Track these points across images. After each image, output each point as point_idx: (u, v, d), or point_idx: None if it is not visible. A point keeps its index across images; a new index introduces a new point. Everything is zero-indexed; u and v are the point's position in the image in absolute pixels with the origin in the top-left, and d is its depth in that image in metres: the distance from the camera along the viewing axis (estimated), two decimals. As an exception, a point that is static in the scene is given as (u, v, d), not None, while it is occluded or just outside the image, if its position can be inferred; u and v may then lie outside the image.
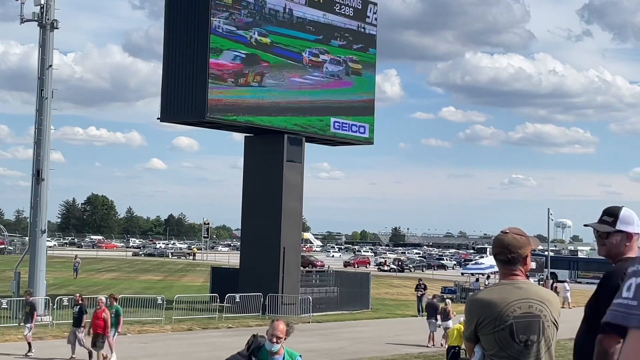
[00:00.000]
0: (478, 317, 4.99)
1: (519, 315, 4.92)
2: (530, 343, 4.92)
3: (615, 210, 5.34)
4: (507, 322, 4.91)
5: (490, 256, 74.64)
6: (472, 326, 5.02)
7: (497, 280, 17.62)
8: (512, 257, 5.03)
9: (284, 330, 8.40)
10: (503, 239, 5.06)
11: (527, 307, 4.94)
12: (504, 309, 4.92)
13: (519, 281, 5.04)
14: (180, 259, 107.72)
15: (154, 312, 32.21)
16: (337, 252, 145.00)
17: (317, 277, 42.58)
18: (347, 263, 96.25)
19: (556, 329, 5.02)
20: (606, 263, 5.38)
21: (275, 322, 8.56)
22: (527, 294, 4.98)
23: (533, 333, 4.92)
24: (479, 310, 5.02)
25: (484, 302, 5.04)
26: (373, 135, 42.92)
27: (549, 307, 5.00)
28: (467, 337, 5.17)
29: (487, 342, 4.99)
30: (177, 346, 25.58)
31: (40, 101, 31.89)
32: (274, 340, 8.34)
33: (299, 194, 38.90)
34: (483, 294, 5.22)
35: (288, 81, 38.57)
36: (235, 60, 36.52)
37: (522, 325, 4.91)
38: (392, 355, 24.39)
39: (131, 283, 54.93)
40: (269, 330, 8.37)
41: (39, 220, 31.55)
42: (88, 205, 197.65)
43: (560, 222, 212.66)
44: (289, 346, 8.70)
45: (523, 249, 5.05)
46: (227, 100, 36.15)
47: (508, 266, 5.06)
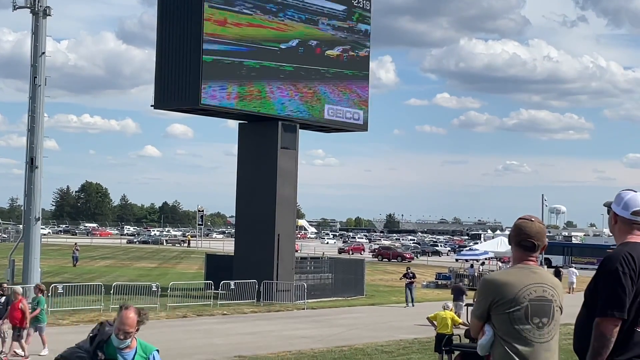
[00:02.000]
0: (494, 296, 5.17)
1: (534, 298, 5.14)
2: (541, 325, 5.13)
3: (621, 191, 5.52)
4: (523, 303, 5.12)
5: (485, 242, 75.02)
6: (486, 305, 5.20)
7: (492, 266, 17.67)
8: (537, 245, 5.26)
9: (135, 322, 6.73)
10: (532, 227, 5.27)
11: (541, 291, 5.17)
12: (521, 291, 5.13)
13: (534, 267, 5.29)
14: (175, 247, 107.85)
15: (148, 299, 32.23)
16: (332, 238, 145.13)
17: (311, 264, 42.64)
18: (342, 250, 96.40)
19: (561, 313, 5.24)
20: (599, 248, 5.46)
21: (124, 312, 6.76)
22: (541, 279, 5.22)
23: (545, 316, 5.14)
24: (495, 290, 5.19)
25: (501, 283, 5.22)
26: (367, 122, 42.89)
27: (558, 293, 5.25)
28: (478, 316, 5.30)
29: (501, 322, 5.16)
30: (172, 333, 25.61)
31: (33, 89, 31.80)
32: (122, 336, 6.72)
33: (294, 180, 38.91)
34: (500, 274, 5.46)
35: (281, 67, 38.47)
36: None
37: (536, 308, 5.13)
38: (387, 342, 24.46)
39: (126, 270, 54.96)
40: (116, 323, 6.71)
41: (33, 208, 31.51)
42: (82, 193, 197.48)
43: (554, 208, 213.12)
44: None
45: (545, 237, 5.33)
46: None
47: (529, 252, 5.28)
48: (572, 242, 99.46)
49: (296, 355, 21.45)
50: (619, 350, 5.04)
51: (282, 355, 21.32)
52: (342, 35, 41.36)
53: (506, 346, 5.09)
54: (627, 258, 5.11)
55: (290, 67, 38.81)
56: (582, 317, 5.35)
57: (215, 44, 35.76)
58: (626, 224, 5.36)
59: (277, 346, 22.90)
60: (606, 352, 5.02)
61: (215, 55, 35.73)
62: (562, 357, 18.20)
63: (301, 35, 39.41)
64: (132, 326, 6.70)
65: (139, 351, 6.88)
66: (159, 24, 36.94)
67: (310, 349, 22.66)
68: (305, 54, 39.55)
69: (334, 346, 23.22)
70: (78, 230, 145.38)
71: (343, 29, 41.42)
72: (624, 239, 5.33)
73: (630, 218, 5.35)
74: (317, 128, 43.06)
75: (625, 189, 5.48)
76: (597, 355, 5.04)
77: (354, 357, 21.17)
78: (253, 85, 37.28)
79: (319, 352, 21.98)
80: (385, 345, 23.62)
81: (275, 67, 38.12)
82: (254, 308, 33.65)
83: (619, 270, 5.07)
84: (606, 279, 5.13)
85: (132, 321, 6.71)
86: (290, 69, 38.81)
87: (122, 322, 6.69)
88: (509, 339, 5.09)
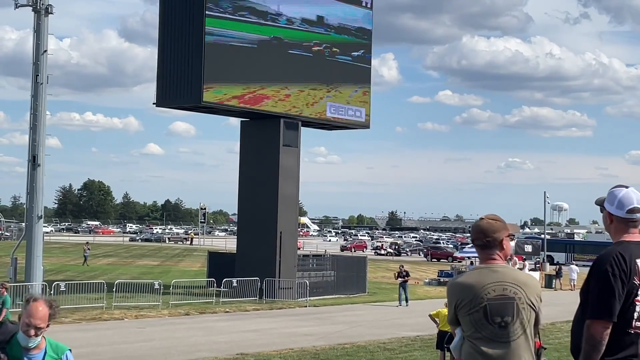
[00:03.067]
0: (456, 299, 5.16)
1: (492, 297, 5.04)
2: (504, 324, 5.02)
3: (614, 188, 5.33)
4: (481, 304, 5.05)
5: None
6: (453, 309, 5.22)
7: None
8: (487, 242, 5.20)
9: (46, 315, 5.72)
10: (479, 225, 5.26)
11: (501, 289, 5.06)
12: (479, 291, 5.07)
13: (496, 265, 5.19)
14: (177, 244, 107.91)
15: (151, 297, 32.27)
16: (334, 236, 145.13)
17: (313, 262, 42.64)
18: (344, 247, 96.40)
19: (534, 311, 5.10)
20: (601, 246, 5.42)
21: (33, 304, 5.72)
22: (502, 277, 5.11)
23: (507, 315, 5.03)
24: (457, 293, 5.19)
25: (461, 285, 5.21)
26: (370, 120, 42.87)
27: (524, 290, 5.08)
28: (449, 320, 5.35)
29: (465, 324, 5.16)
30: (174, 331, 25.65)
31: (35, 87, 31.80)
32: (32, 333, 5.67)
33: (296, 178, 38.91)
34: (461, 277, 5.40)
35: (283, 65, 38.47)
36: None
37: (495, 307, 5.03)
38: (389, 339, 24.47)
39: (128, 268, 55.02)
40: (23, 317, 5.72)
41: (35, 206, 31.52)
42: (84, 190, 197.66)
43: (556, 205, 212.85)
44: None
45: (498, 233, 5.21)
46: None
47: (485, 250, 5.23)
48: (574, 240, 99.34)
49: (298, 352, 21.46)
50: (611, 351, 4.98)
51: (284, 352, 21.33)
52: (344, 34, 41.32)
53: (472, 347, 5.07)
54: (617, 259, 5.01)
55: (292, 64, 38.78)
56: (577, 318, 5.29)
57: (217, 41, 35.75)
58: (622, 223, 5.22)
59: (280, 344, 22.91)
60: (597, 355, 4.96)
61: (217, 53, 35.72)
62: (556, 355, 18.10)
63: (303, 35, 39.40)
64: (43, 320, 5.68)
65: (48, 352, 5.85)
66: (161, 22, 36.96)
67: (313, 346, 22.67)
68: (307, 51, 39.53)
69: (336, 343, 23.23)
70: (80, 228, 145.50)
71: (345, 27, 41.37)
72: (619, 237, 5.20)
73: (626, 217, 5.20)
74: (319, 126, 43.06)
75: (617, 186, 5.32)
76: (588, 357, 4.98)
77: (356, 355, 21.17)
78: (255, 82, 37.27)
79: (321, 350, 21.99)
80: (387, 343, 23.63)
81: (277, 64, 38.09)
82: (256, 306, 33.67)
83: (609, 272, 4.98)
84: (596, 280, 5.04)
85: (44, 314, 5.67)
86: (292, 67, 38.79)
87: (31, 316, 5.65)
88: (473, 340, 5.06)
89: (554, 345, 22.64)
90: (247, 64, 36.93)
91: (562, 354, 21.32)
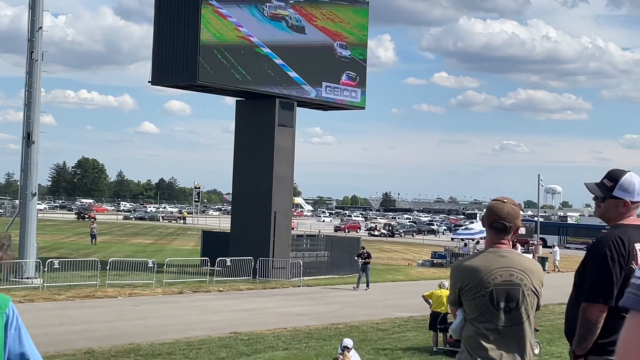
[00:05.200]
0: (461, 282, 5.14)
1: (499, 283, 5.03)
2: (508, 310, 5.03)
3: (618, 175, 5.22)
4: (488, 288, 5.04)
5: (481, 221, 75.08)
6: (456, 291, 5.18)
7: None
8: (509, 227, 5.11)
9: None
10: (503, 208, 5.12)
11: (508, 275, 5.05)
12: (486, 275, 5.05)
13: (503, 250, 5.15)
14: (171, 223, 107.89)
15: (144, 275, 32.31)
16: (328, 216, 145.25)
17: (307, 242, 42.70)
18: (338, 228, 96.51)
19: (536, 298, 5.12)
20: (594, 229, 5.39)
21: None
22: (509, 263, 5.09)
23: (512, 300, 5.03)
24: (462, 276, 5.16)
25: (467, 268, 5.19)
26: (365, 101, 42.80)
27: (530, 276, 5.09)
28: (451, 302, 5.35)
29: (469, 307, 5.14)
30: (168, 309, 25.70)
31: (30, 63, 31.64)
32: None
33: (290, 158, 38.89)
34: (467, 260, 5.35)
35: (279, 44, 38.34)
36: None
37: (502, 292, 5.03)
38: (382, 319, 24.56)
39: (122, 246, 55.03)
40: None
41: (29, 183, 31.47)
42: (79, 168, 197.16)
43: (550, 188, 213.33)
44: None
45: (518, 220, 5.16)
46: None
47: (500, 235, 5.15)
48: (567, 222, 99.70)
49: (292, 332, 21.53)
50: (604, 334, 4.98)
51: (277, 332, 21.40)
52: (341, 15, 41.17)
53: (474, 330, 5.08)
54: (616, 242, 5.00)
55: (288, 44, 38.66)
56: (572, 300, 5.28)
57: (213, 20, 35.60)
58: (628, 207, 5.19)
59: (273, 323, 22.98)
60: (591, 338, 4.97)
61: (212, 31, 35.58)
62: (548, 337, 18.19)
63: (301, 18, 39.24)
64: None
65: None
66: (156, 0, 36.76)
67: (306, 325, 22.75)
68: (304, 31, 39.40)
69: (329, 323, 23.32)
70: (74, 206, 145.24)
71: (342, 7, 41.22)
72: (618, 220, 5.19)
73: (637, 200, 5.18)
74: (314, 106, 43.01)
75: (621, 171, 5.26)
76: (583, 340, 5.00)
77: (349, 335, 21.19)
78: (251, 62, 37.16)
79: (314, 329, 22.07)
80: (380, 323, 23.73)
81: (274, 44, 37.96)
82: (249, 285, 33.73)
83: (607, 256, 4.97)
84: (594, 264, 5.03)
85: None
86: (288, 46, 38.67)
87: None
88: (476, 323, 5.07)
89: (545, 327, 22.75)
90: (243, 42, 36.77)
91: (554, 336, 21.43)
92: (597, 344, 4.99)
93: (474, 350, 5.09)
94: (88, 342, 18.54)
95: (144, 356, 17.24)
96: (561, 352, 19.27)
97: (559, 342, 20.70)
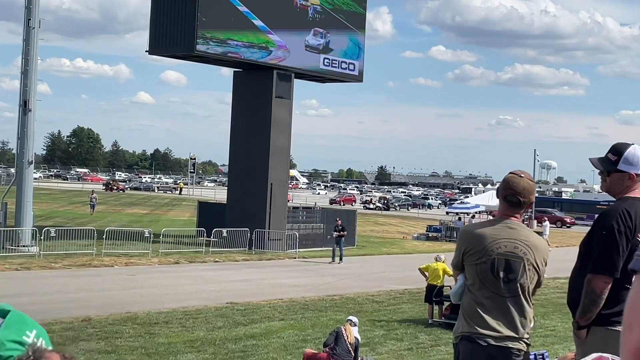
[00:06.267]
0: (466, 246, 5.21)
1: (502, 252, 5.08)
2: (507, 280, 5.08)
3: (622, 148, 5.23)
4: (490, 256, 5.09)
5: (476, 196, 75.24)
6: (460, 254, 5.25)
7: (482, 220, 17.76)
8: (523, 201, 5.15)
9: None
10: (520, 183, 5.15)
11: (512, 247, 5.09)
12: (491, 243, 5.10)
13: (513, 222, 5.19)
14: (167, 194, 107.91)
15: (141, 245, 32.37)
16: (323, 189, 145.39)
17: (303, 214, 42.77)
18: (333, 200, 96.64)
19: (537, 274, 5.15)
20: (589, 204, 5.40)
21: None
22: (516, 235, 5.13)
23: (512, 272, 5.07)
24: (468, 240, 5.23)
25: (474, 234, 5.25)
26: (362, 73, 42.67)
27: (534, 252, 5.12)
28: (454, 265, 5.41)
29: (469, 273, 5.21)
30: (163, 278, 25.78)
31: (27, 31, 31.46)
32: None
33: (287, 130, 38.84)
34: (475, 226, 5.40)
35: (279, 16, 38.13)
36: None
37: (503, 262, 5.07)
38: (377, 292, 24.66)
39: (118, 216, 55.08)
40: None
41: (26, 151, 31.41)
42: (74, 138, 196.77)
43: (545, 164, 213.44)
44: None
45: (533, 195, 5.20)
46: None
47: (514, 208, 5.19)
48: (562, 198, 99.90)
49: (287, 303, 21.63)
50: (608, 305, 5.02)
51: (273, 302, 21.50)
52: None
53: (471, 296, 5.14)
54: (624, 215, 5.03)
55: (287, 16, 38.44)
56: (576, 271, 5.32)
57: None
58: (634, 180, 5.20)
59: (269, 294, 23.08)
60: (596, 309, 5.01)
61: (211, 1, 35.36)
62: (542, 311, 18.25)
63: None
64: None
65: None
66: (154, -32, 36.48)
67: (302, 297, 22.85)
68: (303, 3, 39.18)
69: (324, 295, 23.42)
70: (69, 175, 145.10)
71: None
72: (624, 194, 5.20)
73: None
74: (312, 78, 42.85)
75: (625, 144, 5.26)
76: (587, 311, 5.04)
77: (344, 306, 21.36)
78: (249, 33, 36.98)
79: (310, 301, 22.17)
80: (375, 295, 23.83)
81: (272, 15, 37.75)
82: (245, 256, 33.82)
83: (614, 228, 5.00)
84: (601, 235, 5.05)
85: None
86: (287, 18, 38.45)
87: None
88: (474, 289, 5.13)
89: (540, 301, 22.87)
90: (241, 13, 36.55)
91: (548, 310, 21.58)
92: (600, 315, 5.03)
93: (471, 318, 5.15)
94: (85, 310, 18.62)
95: (141, 325, 17.32)
96: (555, 325, 19.41)
97: (553, 315, 20.86)
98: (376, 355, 14.73)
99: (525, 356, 5.11)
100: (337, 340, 12.61)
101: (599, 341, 4.86)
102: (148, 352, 14.58)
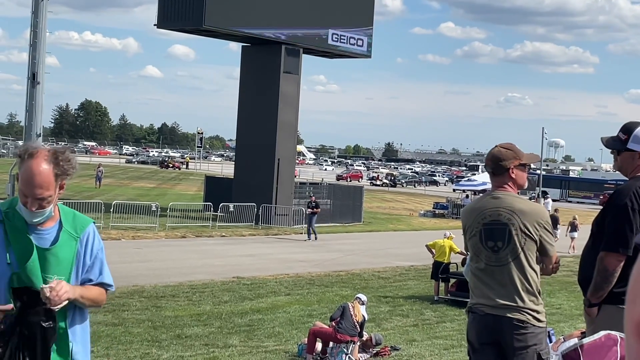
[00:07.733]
0: (463, 224, 5.45)
1: (487, 222, 5.22)
2: (497, 249, 5.18)
3: (632, 127, 5.23)
4: (477, 228, 5.26)
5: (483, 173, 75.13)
6: (464, 233, 5.47)
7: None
8: (494, 168, 5.29)
9: (51, 178, 3.71)
10: (490, 152, 5.38)
11: (496, 215, 5.21)
12: (478, 216, 5.28)
13: (498, 192, 5.29)
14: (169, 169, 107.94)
15: (147, 219, 32.47)
16: (330, 165, 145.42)
17: (310, 189, 42.79)
18: (340, 177, 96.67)
19: (530, 239, 5.16)
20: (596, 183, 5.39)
21: (28, 164, 3.70)
22: (499, 204, 5.23)
23: (499, 239, 5.18)
24: (463, 218, 5.52)
25: (466, 210, 5.56)
26: (371, 49, 42.51)
27: (520, 217, 5.17)
28: (465, 244, 5.61)
29: (468, 247, 5.44)
30: (170, 252, 25.88)
31: (36, 3, 31.34)
32: (34, 207, 3.70)
33: (295, 105, 38.78)
34: (469, 203, 5.57)
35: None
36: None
37: (489, 232, 5.21)
38: (383, 268, 24.72)
39: (125, 190, 55.22)
40: (20, 182, 3.76)
41: (34, 124, 31.33)
42: (81, 111, 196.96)
43: (553, 142, 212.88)
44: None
45: (505, 162, 5.26)
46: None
47: (494, 178, 5.35)
48: (569, 176, 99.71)
49: (294, 278, 21.70)
50: (620, 283, 5.01)
51: (280, 277, 21.57)
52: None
53: (472, 270, 5.30)
54: (637, 193, 5.03)
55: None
56: (588, 248, 5.33)
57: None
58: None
59: (275, 269, 23.15)
60: (608, 287, 5.01)
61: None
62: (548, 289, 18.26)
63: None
64: (47, 187, 3.67)
65: (65, 226, 3.88)
66: (163, -59, 36.31)
67: (308, 272, 22.92)
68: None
69: (331, 270, 23.48)
70: (77, 148, 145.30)
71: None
72: (636, 172, 5.19)
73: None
74: (320, 53, 42.68)
75: (636, 123, 5.23)
76: (599, 289, 5.04)
77: (350, 282, 21.42)
78: (258, 7, 36.82)
79: (316, 276, 22.24)
80: (381, 272, 23.88)
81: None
82: (252, 231, 33.91)
83: (628, 206, 5.01)
84: (615, 213, 5.06)
85: (47, 178, 3.68)
86: None
87: (28, 183, 3.65)
88: (472, 263, 5.29)
89: (545, 279, 22.88)
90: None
91: (554, 287, 21.60)
92: (612, 293, 5.04)
93: (472, 290, 5.34)
94: (92, 283, 18.68)
95: (148, 298, 17.41)
96: (561, 303, 19.44)
97: (559, 294, 20.89)
98: (382, 331, 14.78)
99: (535, 330, 5.10)
100: (343, 315, 12.66)
101: (610, 319, 4.87)
102: (155, 325, 14.66)
